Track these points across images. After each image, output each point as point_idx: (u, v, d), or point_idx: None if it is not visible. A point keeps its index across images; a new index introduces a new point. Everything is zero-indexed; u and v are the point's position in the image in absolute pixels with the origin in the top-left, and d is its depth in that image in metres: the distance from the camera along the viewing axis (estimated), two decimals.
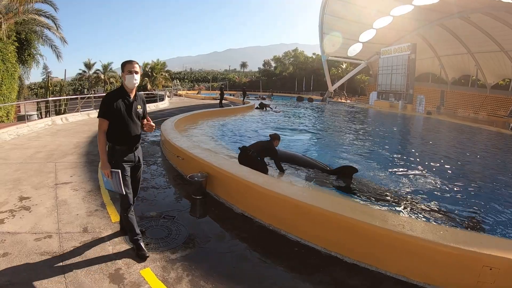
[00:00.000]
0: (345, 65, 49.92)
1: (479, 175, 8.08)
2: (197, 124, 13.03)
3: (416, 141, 14.00)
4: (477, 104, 33.01)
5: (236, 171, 4.61)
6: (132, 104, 3.14)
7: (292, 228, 3.74)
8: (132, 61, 3.17)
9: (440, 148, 12.02)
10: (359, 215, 3.30)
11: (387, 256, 3.07)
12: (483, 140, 15.54)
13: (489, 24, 28.30)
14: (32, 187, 4.86)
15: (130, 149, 3.17)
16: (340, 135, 14.18)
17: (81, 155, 7.01)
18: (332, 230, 3.40)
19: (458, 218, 4.97)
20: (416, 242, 2.88)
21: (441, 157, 9.77)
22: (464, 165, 9.13)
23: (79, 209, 4.10)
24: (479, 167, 9.14)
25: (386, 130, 17.36)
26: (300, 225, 3.67)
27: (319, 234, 3.50)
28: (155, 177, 5.73)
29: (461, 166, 8.88)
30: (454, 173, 7.95)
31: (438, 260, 2.80)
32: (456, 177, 7.54)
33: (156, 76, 39.66)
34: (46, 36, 14.69)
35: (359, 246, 3.22)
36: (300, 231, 3.66)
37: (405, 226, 3.07)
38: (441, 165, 8.58)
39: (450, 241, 2.80)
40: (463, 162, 9.55)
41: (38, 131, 10.05)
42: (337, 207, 3.54)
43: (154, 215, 4.06)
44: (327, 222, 3.44)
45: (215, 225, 3.99)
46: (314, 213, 3.53)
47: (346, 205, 3.68)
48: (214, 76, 70.27)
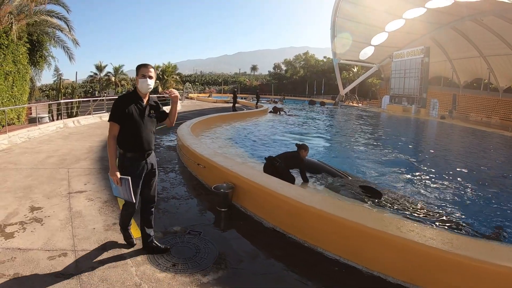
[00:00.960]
0: (357, 68, 49.41)
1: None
2: (213, 128, 12.68)
3: (438, 148, 13.43)
4: (489, 108, 32.10)
5: (266, 183, 4.21)
6: (145, 109, 2.97)
7: (330, 246, 3.36)
8: (147, 64, 2.98)
9: (465, 156, 11.46)
10: (408, 234, 2.90)
11: (436, 277, 2.66)
12: (503, 146, 14.91)
13: (502, 27, 27.52)
14: (44, 195, 4.52)
15: (142, 156, 2.99)
16: (358, 140, 13.69)
17: (95, 160, 6.67)
18: (376, 249, 3.02)
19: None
20: (472, 263, 2.50)
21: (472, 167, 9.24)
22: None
23: (96, 222, 3.73)
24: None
25: (404, 136, 16.87)
26: (339, 243, 3.29)
27: (360, 252, 3.13)
28: (175, 186, 5.35)
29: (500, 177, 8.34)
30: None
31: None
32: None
33: (168, 79, 39.53)
34: (59, 38, 14.52)
35: (405, 266, 2.85)
36: (339, 249, 3.28)
37: (454, 244, 2.70)
38: (475, 175, 8.07)
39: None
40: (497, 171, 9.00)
41: (49, 134, 9.78)
42: (380, 223, 3.14)
43: (178, 230, 3.67)
44: (371, 241, 3.06)
45: (245, 242, 3.58)
46: (357, 230, 3.15)
47: (391, 222, 3.23)
48: (225, 79, 70.29)
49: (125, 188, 2.86)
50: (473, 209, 5.58)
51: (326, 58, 59.32)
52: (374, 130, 18.01)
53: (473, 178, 7.71)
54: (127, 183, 2.84)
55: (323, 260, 3.26)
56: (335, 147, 11.76)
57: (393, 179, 7.22)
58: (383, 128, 20.31)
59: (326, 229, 3.41)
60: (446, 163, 9.62)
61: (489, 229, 4.71)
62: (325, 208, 3.50)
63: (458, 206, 5.63)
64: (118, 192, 2.92)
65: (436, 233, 3.02)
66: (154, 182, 3.19)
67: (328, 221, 3.39)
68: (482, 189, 6.87)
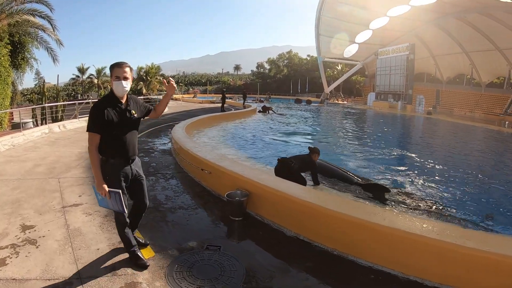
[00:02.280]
0: (341, 66, 49.62)
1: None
2: (205, 129, 12.22)
3: (432, 144, 13.42)
4: (472, 103, 32.84)
5: (287, 189, 3.87)
6: (125, 111, 2.71)
7: (362, 253, 3.13)
8: (122, 64, 2.68)
9: (461, 152, 11.46)
10: (445, 236, 2.76)
11: (474, 277, 2.56)
12: (494, 140, 15.11)
13: (485, 24, 28.16)
14: (36, 211, 4.02)
15: (126, 161, 2.76)
16: (353, 138, 13.52)
17: (87, 168, 6.14)
18: (412, 253, 2.86)
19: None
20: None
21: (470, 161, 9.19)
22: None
23: (99, 242, 3.28)
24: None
25: (397, 132, 16.91)
26: (373, 249, 3.07)
27: (394, 257, 2.94)
28: (179, 194, 4.92)
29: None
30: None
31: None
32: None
33: (151, 80, 38.57)
34: (42, 38, 13.68)
35: (441, 268, 2.72)
36: (372, 256, 3.07)
37: (489, 244, 2.62)
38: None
39: None
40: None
41: (35, 140, 9.12)
42: (414, 227, 2.95)
43: (195, 246, 3.28)
44: (410, 246, 2.87)
45: (270, 254, 3.25)
46: (390, 235, 2.95)
47: (427, 225, 3.02)
48: (208, 79, 69.53)
49: (115, 200, 2.60)
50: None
51: (310, 57, 59.39)
52: (366, 128, 17.99)
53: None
54: (117, 196, 2.58)
55: (357, 268, 3.04)
56: (331, 146, 11.52)
57: (402, 178, 7.02)
58: (373, 125, 20.31)
59: (358, 236, 3.18)
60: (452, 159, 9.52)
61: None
62: (357, 214, 3.25)
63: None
64: (105, 203, 2.68)
65: (471, 234, 2.97)
66: (143, 188, 2.97)
67: (361, 228, 3.14)
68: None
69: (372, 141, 12.60)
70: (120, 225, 2.85)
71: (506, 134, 17.00)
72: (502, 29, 27.16)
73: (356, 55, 40.32)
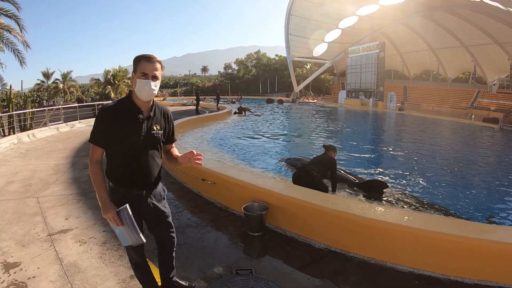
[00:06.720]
0: (310, 65, 50.22)
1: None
2: (183, 134, 11.54)
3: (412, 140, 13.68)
4: (439, 98, 34.41)
5: (313, 199, 3.53)
6: (145, 123, 1.98)
7: (400, 259, 2.99)
8: (152, 57, 1.93)
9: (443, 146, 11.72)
10: (483, 235, 2.76)
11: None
12: (471, 134, 15.72)
13: (451, 22, 29.63)
14: (17, 242, 3.35)
15: (139, 194, 2.03)
16: (329, 135, 13.50)
17: (68, 184, 5.43)
18: (456, 256, 2.79)
19: None
20: None
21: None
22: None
23: (105, 279, 2.70)
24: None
25: (370, 129, 17.23)
26: (412, 254, 2.95)
27: (433, 260, 2.86)
28: (181, 210, 4.40)
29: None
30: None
31: None
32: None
33: (119, 83, 36.82)
34: (8, 39, 12.32)
35: (479, 266, 2.73)
36: (411, 261, 2.94)
37: None
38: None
39: None
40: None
41: (3, 153, 8.10)
42: (456, 228, 2.90)
43: (222, 272, 2.82)
44: (454, 249, 2.78)
45: (307, 273, 2.87)
46: (430, 239, 2.85)
47: (465, 226, 3.02)
48: (176, 81, 67.95)
49: (128, 223, 1.91)
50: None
51: (278, 56, 59.79)
52: (346, 126, 18.04)
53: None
54: (126, 214, 1.90)
55: (400, 275, 2.86)
56: (312, 143, 11.35)
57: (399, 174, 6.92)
58: (351, 122, 20.53)
59: (397, 243, 3.02)
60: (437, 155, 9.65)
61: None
62: (395, 221, 3.04)
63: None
64: (124, 237, 1.96)
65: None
66: (166, 219, 2.28)
67: (401, 234, 2.98)
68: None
69: (356, 139, 12.59)
70: (133, 266, 2.22)
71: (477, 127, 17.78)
72: (467, 26, 28.69)
73: (325, 54, 40.90)
